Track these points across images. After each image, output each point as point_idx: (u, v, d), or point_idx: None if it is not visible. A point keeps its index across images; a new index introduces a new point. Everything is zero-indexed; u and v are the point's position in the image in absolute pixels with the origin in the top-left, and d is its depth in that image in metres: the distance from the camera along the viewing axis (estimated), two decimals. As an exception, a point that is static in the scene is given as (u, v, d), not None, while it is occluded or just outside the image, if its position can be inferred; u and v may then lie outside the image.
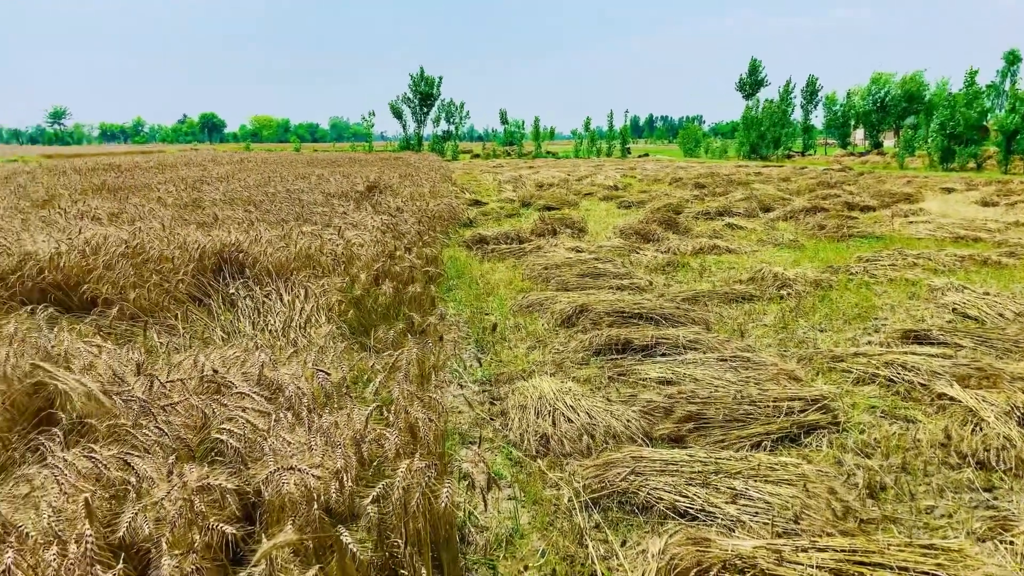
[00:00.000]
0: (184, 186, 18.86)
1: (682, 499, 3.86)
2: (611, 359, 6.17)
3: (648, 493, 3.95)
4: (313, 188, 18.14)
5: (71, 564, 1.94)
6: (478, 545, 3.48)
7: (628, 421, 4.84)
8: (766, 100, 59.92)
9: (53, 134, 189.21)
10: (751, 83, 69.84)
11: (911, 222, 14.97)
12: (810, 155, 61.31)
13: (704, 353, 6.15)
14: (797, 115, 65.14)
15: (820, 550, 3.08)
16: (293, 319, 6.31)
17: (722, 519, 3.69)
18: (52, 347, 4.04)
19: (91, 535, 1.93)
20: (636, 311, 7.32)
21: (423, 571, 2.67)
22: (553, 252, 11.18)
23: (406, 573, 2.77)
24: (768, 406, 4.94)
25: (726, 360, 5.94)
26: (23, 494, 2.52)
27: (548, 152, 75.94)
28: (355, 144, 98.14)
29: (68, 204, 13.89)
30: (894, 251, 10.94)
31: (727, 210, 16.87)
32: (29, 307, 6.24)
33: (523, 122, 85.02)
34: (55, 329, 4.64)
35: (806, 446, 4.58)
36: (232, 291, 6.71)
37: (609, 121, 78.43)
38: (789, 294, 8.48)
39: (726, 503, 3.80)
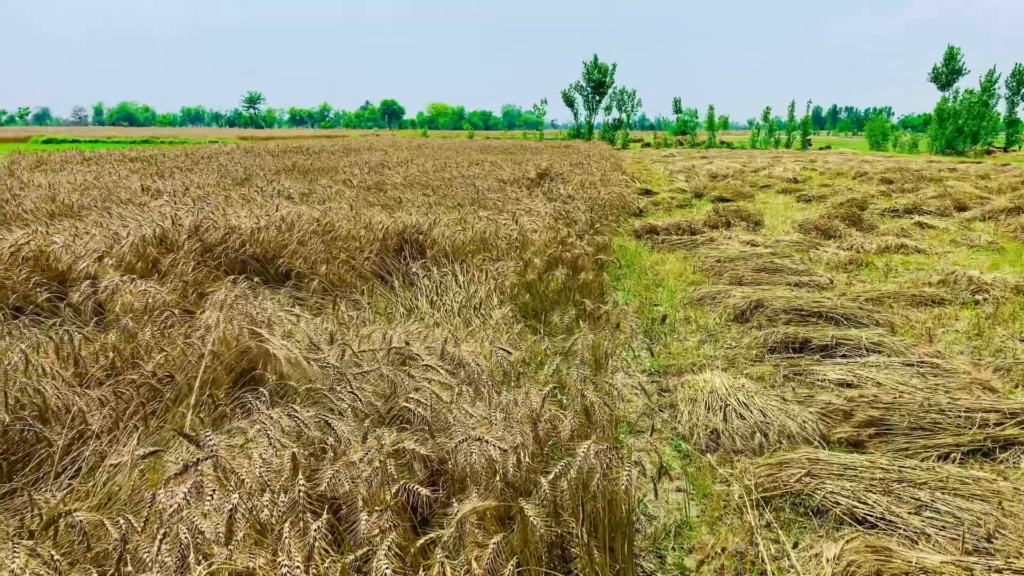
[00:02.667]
0: (367, 169, 19.81)
1: (861, 505, 3.71)
2: (787, 357, 5.99)
3: (824, 496, 3.82)
4: (487, 174, 18.58)
5: (282, 510, 2.14)
6: (647, 533, 3.50)
7: (804, 422, 4.69)
8: (965, 91, 55.50)
9: (248, 117, 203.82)
10: (947, 72, 64.84)
11: None
12: (1014, 151, 56.26)
13: (888, 357, 5.85)
14: (1001, 108, 59.98)
15: (1017, 572, 2.89)
16: (469, 300, 6.52)
17: (904, 530, 3.51)
18: (257, 314, 4.40)
19: (304, 485, 2.12)
20: (815, 309, 7.04)
21: (595, 551, 2.71)
22: (726, 245, 10.93)
23: (578, 551, 2.83)
24: (959, 416, 4.64)
25: (912, 365, 5.63)
26: (238, 444, 2.78)
27: (722, 142, 73.94)
28: (526, 132, 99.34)
29: (263, 183, 14.94)
30: (1113, 258, 9.90)
31: (917, 208, 15.82)
32: (231, 277, 6.79)
33: (696, 111, 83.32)
34: (258, 298, 5.04)
35: (1002, 462, 4.27)
36: (415, 270, 7.01)
37: (790, 111, 75.30)
38: (985, 299, 7.88)
39: (909, 513, 3.61)
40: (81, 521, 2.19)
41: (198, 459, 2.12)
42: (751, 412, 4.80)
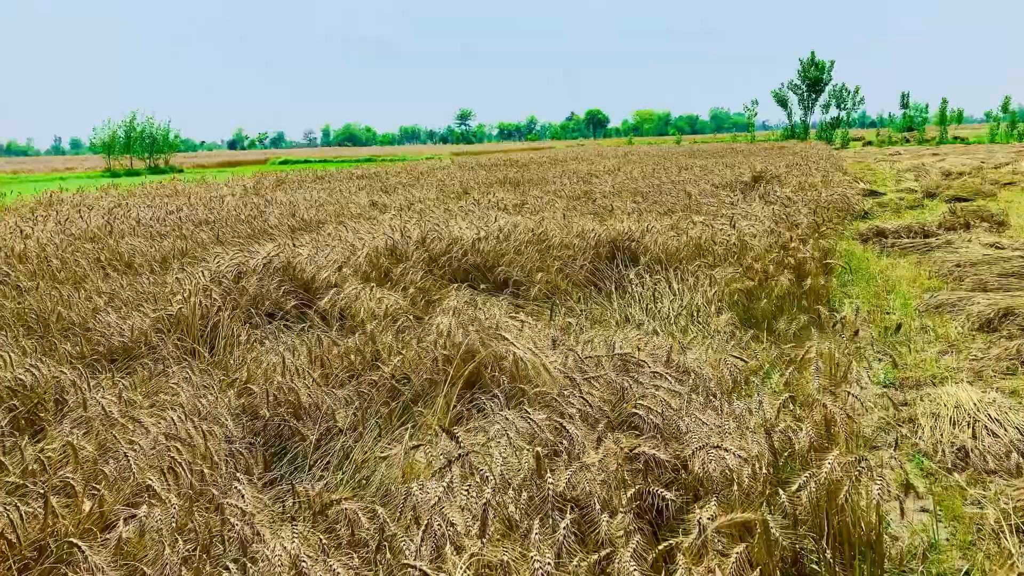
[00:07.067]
0: (575, 179, 20.06)
1: None
2: (1046, 370, 5.42)
3: (1102, 527, 3.42)
4: (697, 179, 18.25)
5: (527, 507, 2.22)
6: (891, 554, 3.29)
7: (1071, 442, 4.23)
8: None
9: (459, 134, 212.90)
10: None
11: None
12: None
13: None
14: None
15: None
16: (685, 307, 6.44)
17: None
18: (485, 320, 4.59)
19: (552, 485, 2.19)
20: (1078, 317, 6.32)
21: (837, 569, 2.59)
22: (966, 248, 10.06)
23: (818, 568, 2.72)
24: None
25: None
26: (479, 443, 2.92)
27: (955, 137, 67.99)
28: (735, 134, 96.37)
29: (479, 196, 15.53)
30: None
31: None
32: (455, 285, 7.12)
33: (926, 105, 77.05)
34: (484, 305, 5.26)
35: None
36: (631, 277, 7.03)
37: (1034, 99, 67.92)
38: None
39: None
40: (347, 509, 2.38)
41: (459, 455, 2.24)
42: (1005, 429, 4.40)
